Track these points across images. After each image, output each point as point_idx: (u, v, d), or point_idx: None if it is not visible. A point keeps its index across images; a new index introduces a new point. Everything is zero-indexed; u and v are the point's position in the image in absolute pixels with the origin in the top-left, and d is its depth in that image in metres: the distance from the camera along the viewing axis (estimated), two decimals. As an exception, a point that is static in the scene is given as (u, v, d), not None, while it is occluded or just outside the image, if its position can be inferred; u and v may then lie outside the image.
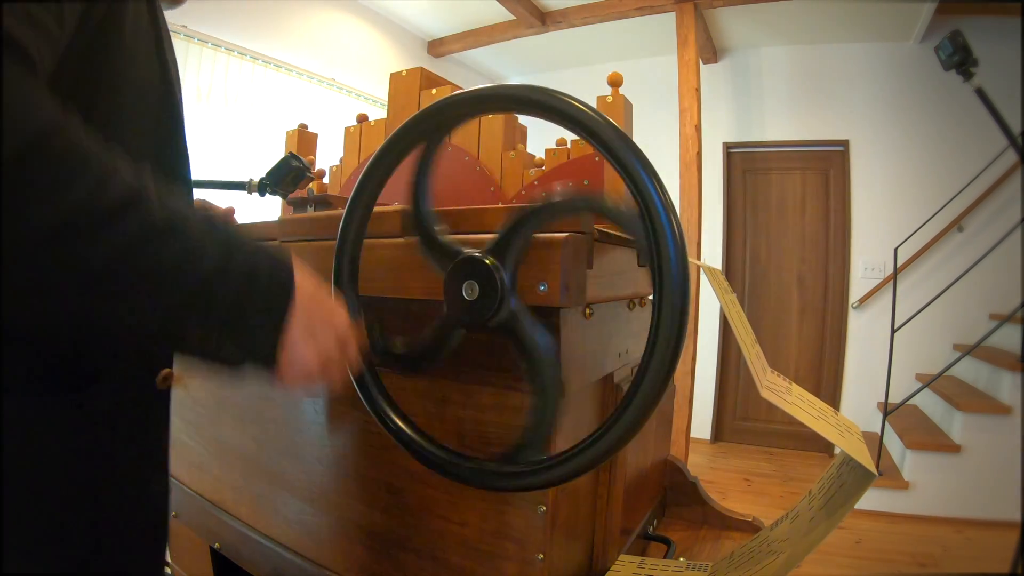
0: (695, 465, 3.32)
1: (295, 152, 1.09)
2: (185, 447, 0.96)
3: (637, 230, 0.46)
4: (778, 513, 0.71)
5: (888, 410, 2.86)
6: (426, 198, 0.56)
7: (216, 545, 0.90)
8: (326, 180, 1.20)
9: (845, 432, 0.65)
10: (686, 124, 3.02)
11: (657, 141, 2.47)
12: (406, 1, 3.46)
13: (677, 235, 0.44)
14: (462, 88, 0.61)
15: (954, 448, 2.66)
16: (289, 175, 1.02)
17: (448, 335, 0.54)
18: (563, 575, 0.61)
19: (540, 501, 0.56)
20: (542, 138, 1.04)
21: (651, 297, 0.46)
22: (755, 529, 0.91)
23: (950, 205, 3.15)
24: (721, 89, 3.78)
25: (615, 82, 0.92)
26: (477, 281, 0.50)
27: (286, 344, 0.43)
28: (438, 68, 3.30)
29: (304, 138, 1.28)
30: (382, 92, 2.36)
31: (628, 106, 0.92)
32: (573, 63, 4.03)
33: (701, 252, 3.16)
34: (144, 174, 0.37)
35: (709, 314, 3.60)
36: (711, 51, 3.71)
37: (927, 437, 2.78)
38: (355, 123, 1.15)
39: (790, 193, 3.76)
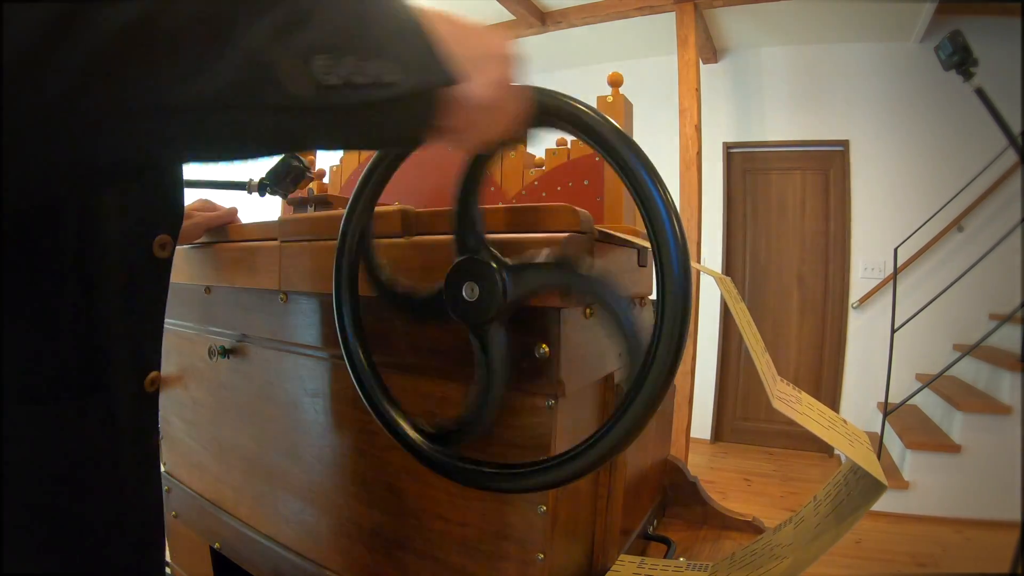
0: (695, 465, 3.32)
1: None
2: (185, 447, 0.96)
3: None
4: (778, 513, 0.72)
5: (888, 410, 2.87)
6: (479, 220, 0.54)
7: (216, 545, 0.90)
8: (326, 180, 1.20)
9: (855, 442, 0.65)
10: (686, 124, 3.02)
11: (657, 141, 2.47)
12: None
13: (679, 235, 0.44)
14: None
15: (954, 448, 2.66)
16: (289, 175, 1.01)
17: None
18: (563, 575, 0.61)
19: (540, 501, 0.56)
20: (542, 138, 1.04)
21: (652, 297, 0.46)
22: (755, 529, 0.91)
23: (950, 205, 3.16)
24: (721, 89, 3.78)
25: (615, 82, 0.92)
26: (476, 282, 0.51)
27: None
28: (438, 68, 3.29)
29: (304, 138, 1.28)
30: (382, 92, 2.35)
31: (628, 106, 0.93)
32: (573, 63, 4.02)
33: (701, 252, 3.16)
34: None
35: (709, 314, 3.61)
36: (711, 51, 3.71)
37: (927, 437, 2.78)
38: (355, 123, 1.15)
39: (790, 193, 3.76)
